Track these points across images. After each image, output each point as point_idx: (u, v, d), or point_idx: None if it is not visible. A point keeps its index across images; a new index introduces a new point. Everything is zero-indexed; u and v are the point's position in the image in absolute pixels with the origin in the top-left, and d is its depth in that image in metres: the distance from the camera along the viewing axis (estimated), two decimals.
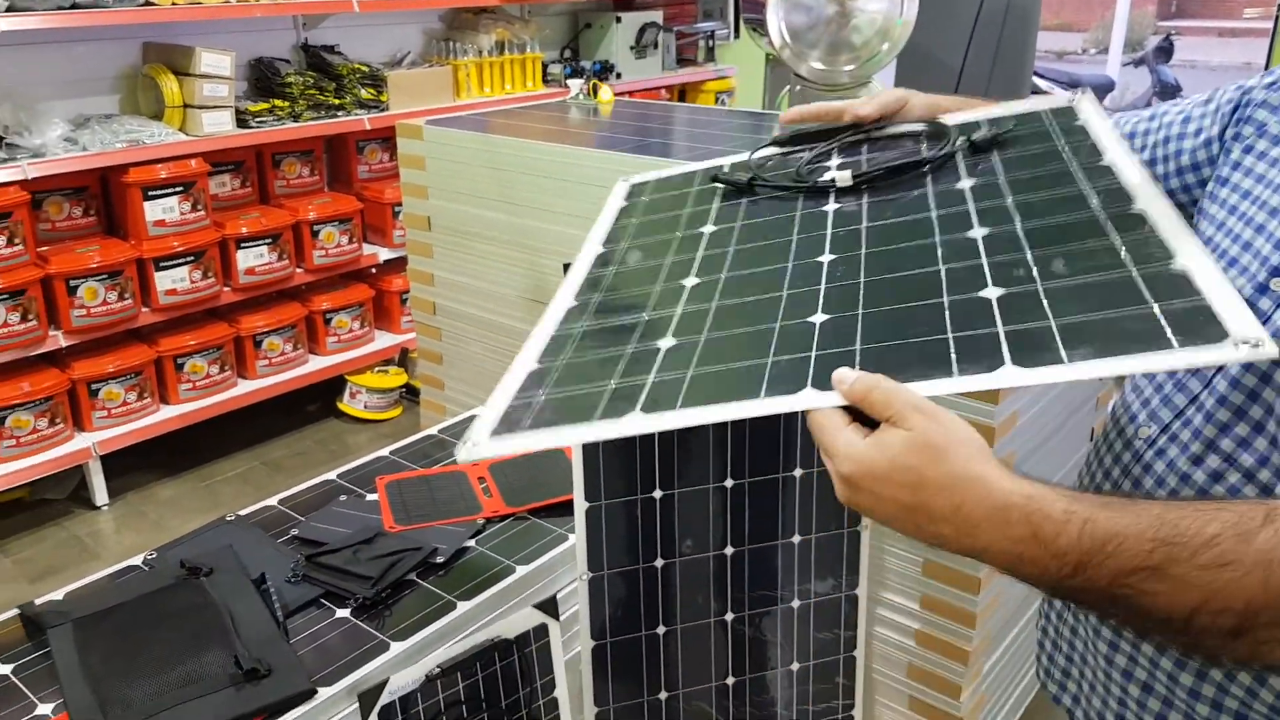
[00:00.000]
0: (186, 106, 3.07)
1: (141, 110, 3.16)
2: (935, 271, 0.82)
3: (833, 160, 1.08)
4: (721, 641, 1.40)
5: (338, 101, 3.41)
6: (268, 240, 3.25)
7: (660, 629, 1.36)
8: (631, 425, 0.76)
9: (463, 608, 1.25)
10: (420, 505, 1.48)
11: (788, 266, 0.92)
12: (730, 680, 1.42)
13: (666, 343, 0.87)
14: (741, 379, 0.76)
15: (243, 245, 3.20)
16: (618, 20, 4.35)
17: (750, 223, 1.05)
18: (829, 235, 0.95)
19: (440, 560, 1.32)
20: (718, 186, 1.12)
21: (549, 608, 1.29)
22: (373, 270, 3.72)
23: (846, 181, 1.00)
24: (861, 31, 2.28)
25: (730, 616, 1.39)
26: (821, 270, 0.89)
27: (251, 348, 3.31)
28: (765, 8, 2.28)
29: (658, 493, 1.29)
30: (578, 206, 2.04)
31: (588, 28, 4.46)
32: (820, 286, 0.87)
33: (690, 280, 0.97)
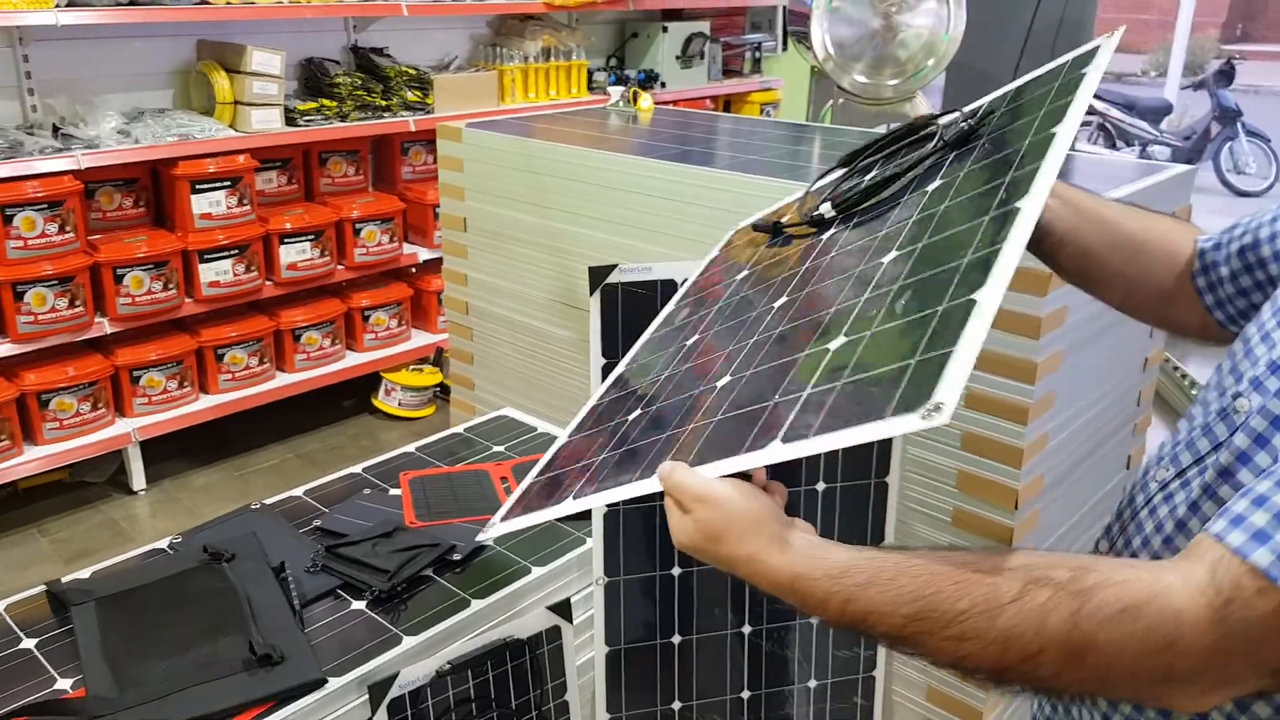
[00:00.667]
0: (237, 103, 3.13)
1: (194, 105, 3.23)
2: (820, 316, 0.81)
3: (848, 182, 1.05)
4: (738, 654, 1.38)
5: (384, 103, 3.46)
6: (310, 237, 3.30)
7: (676, 638, 1.35)
8: (566, 508, 0.87)
9: (476, 605, 1.25)
10: (442, 502, 1.48)
11: (751, 315, 0.93)
12: (746, 694, 1.40)
13: (634, 414, 0.92)
14: (640, 456, 0.83)
15: (286, 241, 3.25)
16: (664, 30, 4.37)
17: (754, 269, 1.05)
18: (798, 275, 0.93)
19: (457, 557, 1.32)
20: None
21: (563, 610, 1.29)
22: (412, 270, 3.76)
23: (830, 213, 0.98)
24: (907, 46, 2.26)
25: (748, 629, 1.38)
26: (764, 319, 0.89)
27: (291, 341, 3.36)
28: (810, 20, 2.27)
29: None
30: (608, 211, 2.04)
31: (634, 37, 4.48)
32: (748, 342, 0.87)
33: (692, 339, 1.00)
